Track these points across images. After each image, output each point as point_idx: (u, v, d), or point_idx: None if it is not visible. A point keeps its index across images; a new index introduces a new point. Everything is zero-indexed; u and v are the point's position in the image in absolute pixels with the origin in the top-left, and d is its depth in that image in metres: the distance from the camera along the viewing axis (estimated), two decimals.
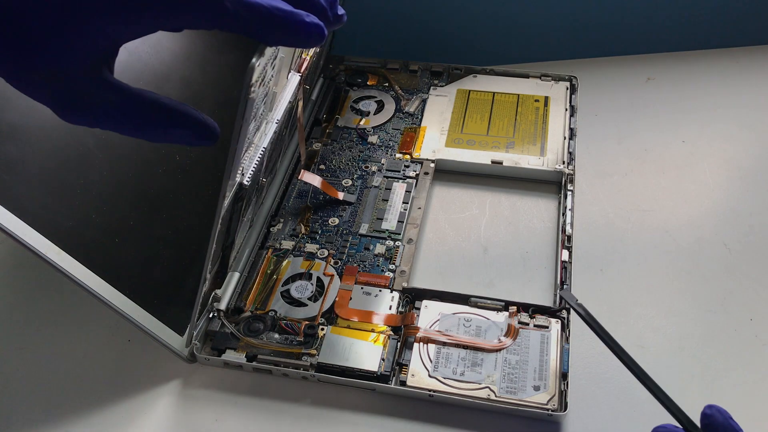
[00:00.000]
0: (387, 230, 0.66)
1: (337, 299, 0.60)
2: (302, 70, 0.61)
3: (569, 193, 0.68)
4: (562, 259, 0.62)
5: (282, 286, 0.61)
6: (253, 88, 0.38)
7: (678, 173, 0.72)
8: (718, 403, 0.54)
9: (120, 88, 0.33)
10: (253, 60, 0.36)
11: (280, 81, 0.53)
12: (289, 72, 0.58)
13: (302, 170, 0.69)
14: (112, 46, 0.32)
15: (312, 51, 0.62)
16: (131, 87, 0.33)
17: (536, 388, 0.53)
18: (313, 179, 0.68)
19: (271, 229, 0.67)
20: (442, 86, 0.81)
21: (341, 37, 0.86)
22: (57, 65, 0.30)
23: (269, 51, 0.40)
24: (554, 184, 0.71)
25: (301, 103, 0.65)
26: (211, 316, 0.58)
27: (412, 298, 0.60)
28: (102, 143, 0.55)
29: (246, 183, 0.52)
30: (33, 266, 0.65)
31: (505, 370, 0.55)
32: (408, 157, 0.73)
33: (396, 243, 0.65)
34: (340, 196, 0.68)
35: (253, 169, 0.53)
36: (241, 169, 0.50)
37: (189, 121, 0.34)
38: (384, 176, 0.71)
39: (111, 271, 0.50)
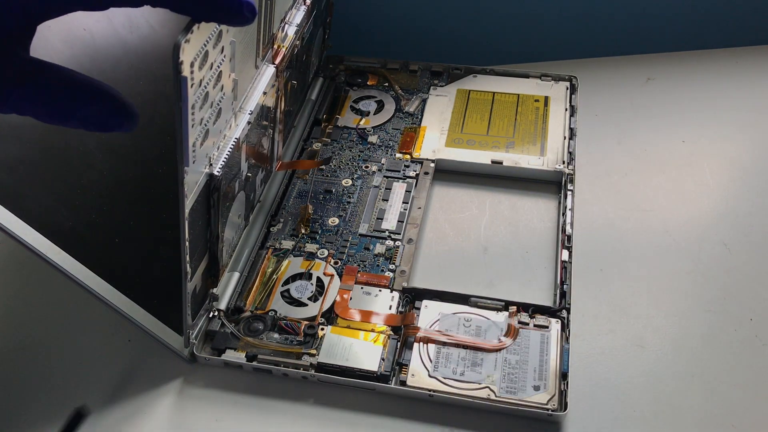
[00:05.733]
0: (387, 230, 0.66)
1: (337, 299, 0.60)
2: (277, 62, 0.60)
3: (569, 193, 0.68)
4: (562, 259, 0.62)
5: (282, 286, 0.61)
6: (186, 68, 0.38)
7: (678, 173, 0.72)
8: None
9: (33, 61, 0.32)
10: (179, 37, 0.36)
11: (245, 70, 0.53)
12: (259, 61, 0.57)
13: (279, 161, 0.69)
14: (26, 25, 0.31)
15: (287, 42, 0.62)
16: (47, 62, 0.32)
17: (536, 388, 0.53)
18: (290, 165, 0.70)
19: (271, 229, 0.67)
20: (442, 86, 0.81)
21: (341, 37, 0.86)
22: None
23: (203, 31, 0.40)
24: (554, 184, 0.71)
25: (282, 98, 0.64)
26: (210, 315, 0.58)
27: (412, 298, 0.60)
28: (102, 143, 0.55)
29: (216, 173, 0.50)
30: (33, 266, 0.65)
31: (505, 370, 0.55)
32: (408, 157, 0.73)
33: (396, 243, 0.65)
34: (317, 161, 0.70)
35: (225, 160, 0.51)
36: (209, 158, 0.49)
37: (104, 97, 0.33)
38: (384, 176, 0.71)
39: (111, 271, 0.50)
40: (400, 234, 0.66)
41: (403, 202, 0.68)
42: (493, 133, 0.75)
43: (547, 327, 0.57)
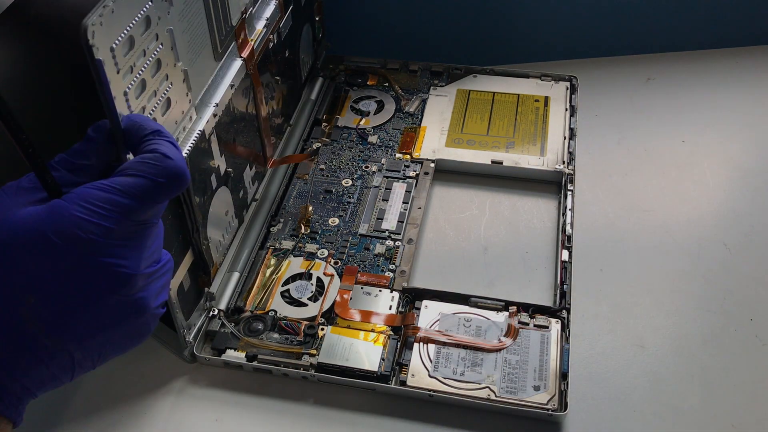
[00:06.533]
0: (387, 230, 0.66)
1: (337, 299, 0.60)
2: (244, 55, 0.59)
3: (569, 193, 0.68)
4: (562, 259, 0.62)
5: (282, 286, 0.61)
6: (103, 52, 0.38)
7: (678, 173, 0.72)
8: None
9: None
10: (84, 20, 0.36)
11: (199, 61, 0.52)
12: (219, 54, 0.56)
13: (270, 159, 0.70)
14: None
15: (255, 35, 0.62)
16: None
17: (536, 388, 0.53)
18: (282, 161, 0.71)
19: (271, 229, 0.67)
20: (442, 86, 0.81)
21: (341, 37, 0.86)
22: None
23: (123, 16, 0.39)
24: (554, 184, 0.71)
25: (261, 93, 0.64)
26: (210, 315, 0.58)
27: (412, 298, 0.60)
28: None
29: None
30: None
31: (505, 370, 0.55)
32: (408, 157, 0.73)
33: (396, 243, 0.65)
34: (306, 153, 0.71)
35: (188, 151, 0.51)
36: None
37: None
38: (384, 176, 0.71)
39: None
40: (400, 234, 0.66)
41: (403, 202, 0.68)
42: (493, 133, 0.75)
43: (547, 327, 0.57)
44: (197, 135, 0.52)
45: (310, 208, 0.68)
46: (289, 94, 0.75)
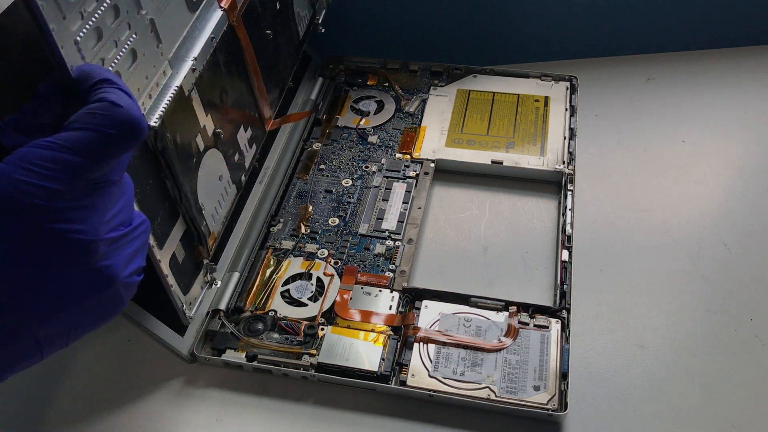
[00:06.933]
0: (387, 230, 0.66)
1: (337, 299, 0.60)
2: (226, 5, 0.56)
3: (569, 193, 0.68)
4: (562, 259, 0.62)
5: (282, 286, 0.61)
6: None
7: (678, 173, 0.72)
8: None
9: None
10: None
11: (169, 11, 0.48)
12: (194, 1, 0.52)
13: (269, 120, 0.67)
14: None
15: None
16: None
17: (536, 388, 0.53)
18: (282, 121, 0.69)
19: (271, 229, 0.67)
20: (442, 86, 0.81)
21: (341, 37, 0.86)
22: None
23: None
24: (554, 184, 0.71)
25: (249, 48, 0.60)
26: (211, 286, 0.57)
27: (412, 298, 0.60)
28: None
29: (153, 124, 0.46)
30: None
31: (505, 370, 0.55)
32: (408, 157, 0.73)
33: (396, 243, 0.65)
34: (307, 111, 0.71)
35: (164, 108, 0.47)
36: (143, 107, 0.45)
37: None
38: (384, 176, 0.71)
39: None
40: (400, 234, 0.66)
41: (403, 202, 0.68)
42: (493, 133, 0.75)
43: (547, 327, 0.57)
44: (174, 91, 0.48)
45: (310, 208, 0.68)
46: (286, 51, 0.72)
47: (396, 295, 0.60)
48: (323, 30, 0.80)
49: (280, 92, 0.71)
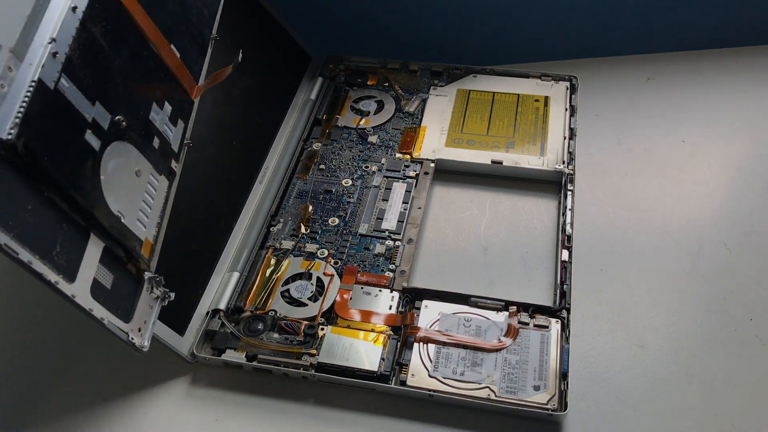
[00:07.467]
0: (387, 230, 0.66)
1: (337, 299, 0.60)
2: None
3: (569, 193, 0.68)
4: (562, 259, 0.62)
5: (282, 286, 0.61)
6: None
7: (678, 173, 0.72)
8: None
9: None
10: None
11: None
12: None
13: (194, 87, 0.56)
14: None
15: None
16: None
17: (536, 388, 0.53)
18: (207, 85, 0.58)
19: (271, 229, 0.67)
20: (442, 86, 0.81)
21: (341, 37, 0.86)
22: None
23: None
24: (554, 184, 0.71)
25: (138, 9, 0.49)
26: (164, 303, 0.54)
27: (412, 298, 0.60)
28: None
29: (7, 137, 0.37)
30: None
31: (505, 370, 0.55)
32: (408, 157, 0.73)
33: (396, 243, 0.65)
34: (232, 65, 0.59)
35: (18, 115, 0.38)
36: None
37: None
38: (384, 176, 0.71)
39: None
40: (400, 234, 0.66)
41: (403, 202, 0.68)
42: (493, 133, 0.75)
43: (547, 327, 0.57)
44: (31, 87, 0.39)
45: (310, 208, 0.68)
46: (198, 11, 0.58)
47: (396, 295, 0.60)
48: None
49: (202, 48, 0.58)
